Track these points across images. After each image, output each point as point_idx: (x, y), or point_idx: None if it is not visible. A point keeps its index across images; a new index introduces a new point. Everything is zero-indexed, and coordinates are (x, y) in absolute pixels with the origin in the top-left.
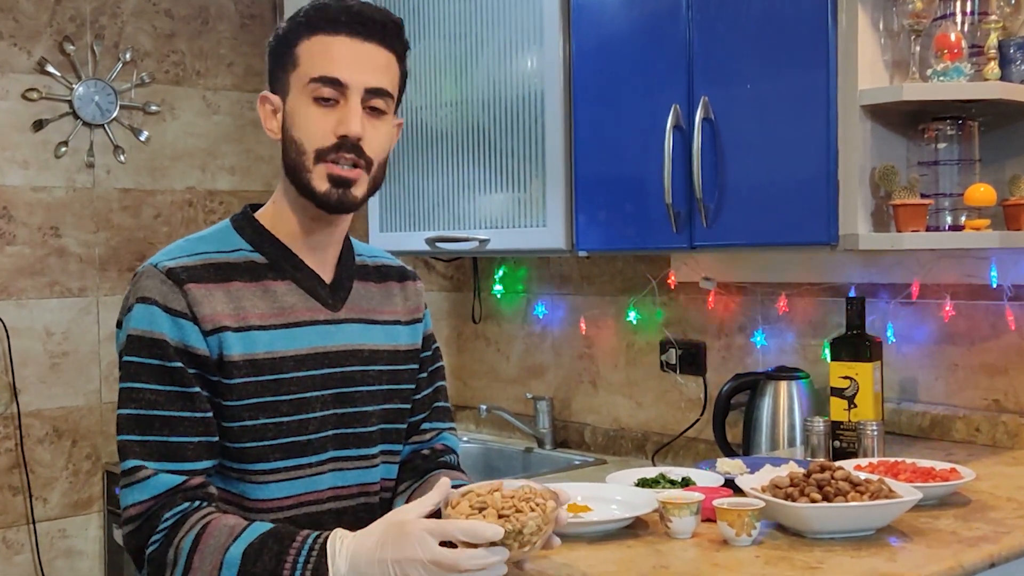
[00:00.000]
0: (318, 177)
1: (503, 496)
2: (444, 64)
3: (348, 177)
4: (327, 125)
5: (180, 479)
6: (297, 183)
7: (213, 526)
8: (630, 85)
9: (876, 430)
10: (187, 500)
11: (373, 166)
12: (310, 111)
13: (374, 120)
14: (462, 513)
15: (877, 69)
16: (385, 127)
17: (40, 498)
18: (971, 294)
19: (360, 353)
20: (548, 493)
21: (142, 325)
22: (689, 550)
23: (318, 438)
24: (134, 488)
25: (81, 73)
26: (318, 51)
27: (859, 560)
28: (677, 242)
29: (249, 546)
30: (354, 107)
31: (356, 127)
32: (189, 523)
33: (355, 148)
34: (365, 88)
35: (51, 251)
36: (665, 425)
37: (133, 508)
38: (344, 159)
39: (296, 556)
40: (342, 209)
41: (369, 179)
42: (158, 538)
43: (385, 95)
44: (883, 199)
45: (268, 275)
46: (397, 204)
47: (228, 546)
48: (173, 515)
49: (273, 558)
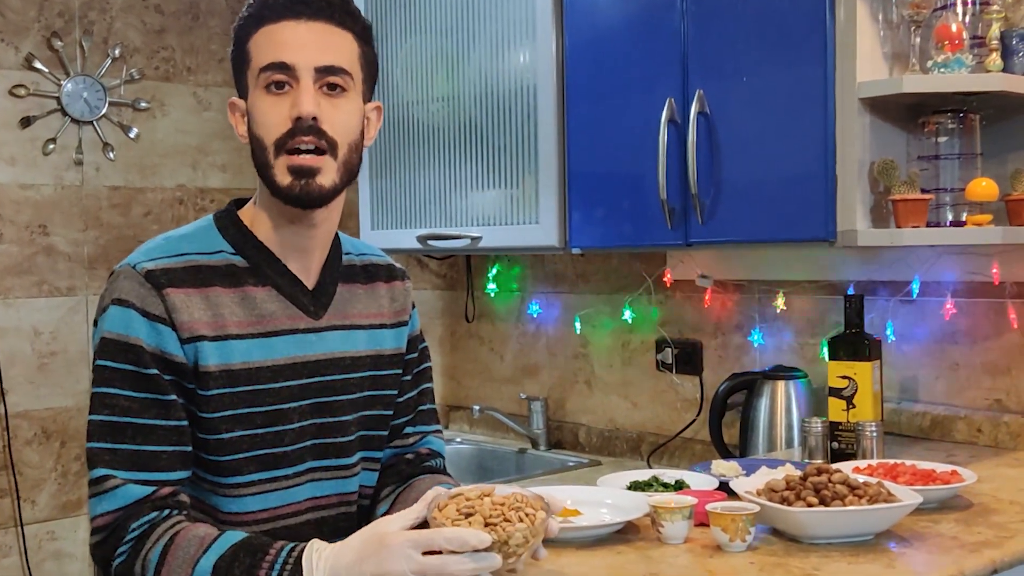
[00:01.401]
0: (280, 171)
1: (492, 503)
2: (435, 59)
3: (309, 166)
4: (282, 112)
5: (150, 490)
6: (265, 181)
7: (182, 537)
8: (624, 79)
9: (875, 431)
10: (156, 509)
11: (339, 148)
12: (265, 102)
13: (332, 99)
14: (448, 517)
15: (876, 61)
16: (348, 105)
17: (28, 500)
18: (973, 292)
19: (341, 361)
20: (539, 502)
21: (117, 328)
22: (681, 556)
23: (295, 449)
24: (102, 498)
25: (69, 69)
26: (264, 41)
27: (857, 566)
28: (672, 239)
29: (220, 558)
30: (305, 87)
31: (308, 106)
32: (156, 533)
33: (313, 130)
34: (315, 67)
35: (39, 250)
36: (661, 426)
37: (100, 519)
38: (303, 143)
39: (269, 570)
40: (308, 201)
41: (337, 165)
42: (124, 549)
43: (340, 72)
44: (882, 194)
45: (248, 281)
46: (388, 201)
47: (198, 559)
48: (140, 525)
49: (245, 572)
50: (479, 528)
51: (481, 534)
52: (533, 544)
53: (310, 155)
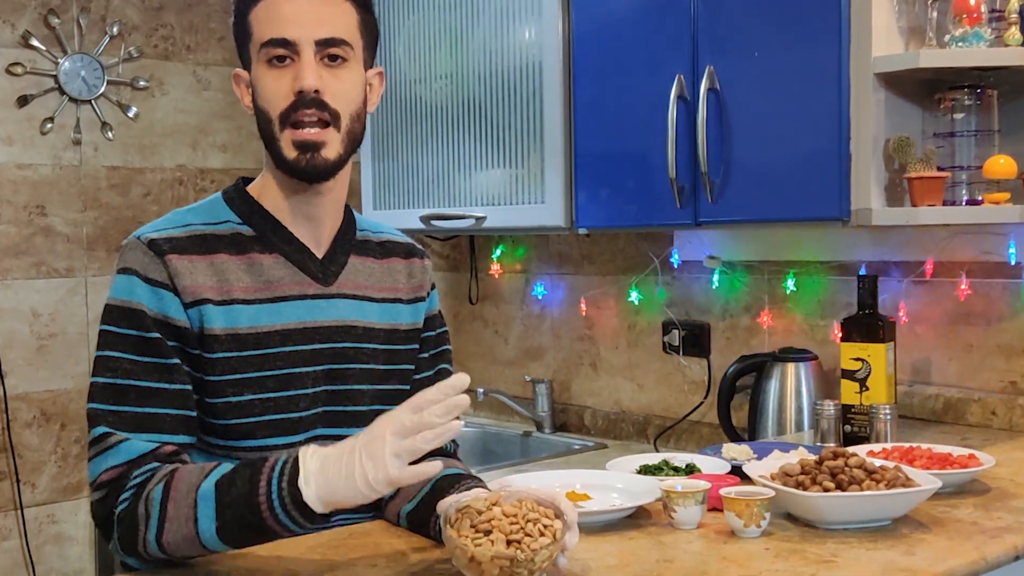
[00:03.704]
0: (285, 145)
1: (505, 513)
2: (438, 35)
3: (314, 140)
4: (284, 86)
5: (153, 445)
6: (271, 154)
7: (181, 472)
8: (632, 55)
9: (889, 414)
10: (158, 462)
11: (342, 120)
12: (268, 76)
13: (334, 70)
14: (466, 536)
15: (892, 35)
16: (349, 75)
17: (28, 483)
18: (988, 272)
19: (353, 330)
20: (553, 510)
21: (121, 295)
22: (694, 542)
23: (308, 415)
24: (107, 455)
25: (67, 47)
26: (264, 15)
27: (876, 552)
28: (681, 218)
29: (222, 477)
30: (307, 61)
31: (310, 79)
32: (157, 476)
33: (316, 102)
34: (315, 40)
35: (37, 230)
36: (667, 408)
37: (105, 474)
38: (306, 116)
39: (270, 472)
40: (315, 174)
41: (341, 136)
42: (127, 496)
43: (341, 44)
44: (897, 172)
45: (255, 248)
46: (391, 181)
47: (199, 483)
48: (142, 472)
49: (247, 482)
50: (501, 547)
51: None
52: (555, 558)
53: (314, 129)
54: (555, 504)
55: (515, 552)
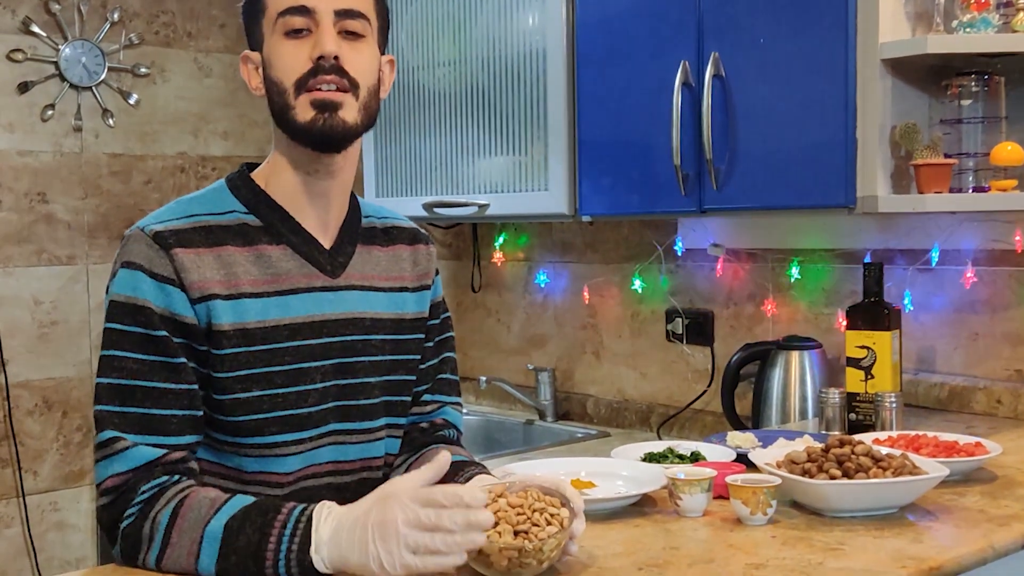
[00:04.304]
0: (302, 108)
1: (511, 504)
2: (441, 21)
3: (333, 99)
4: (302, 54)
5: (160, 452)
6: (284, 125)
7: (192, 499)
8: (636, 41)
9: (895, 402)
10: (166, 474)
11: (360, 89)
12: (284, 46)
13: (352, 42)
14: None
15: (899, 21)
16: (367, 50)
17: (30, 471)
18: (994, 260)
19: (361, 322)
20: (558, 498)
21: (125, 291)
22: (701, 530)
23: (318, 411)
24: (112, 460)
25: (68, 33)
26: None
27: (883, 540)
28: (686, 205)
29: (231, 519)
30: (326, 28)
31: (331, 45)
32: (167, 496)
33: (335, 69)
34: (334, 10)
35: (38, 218)
36: (671, 397)
37: (109, 480)
38: (324, 82)
39: (282, 528)
40: (331, 136)
41: (359, 105)
42: (133, 511)
43: (359, 16)
44: (904, 159)
45: (262, 239)
46: (393, 168)
47: (209, 519)
48: (150, 488)
49: (257, 531)
50: (508, 539)
51: (476, 492)
52: (564, 546)
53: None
54: (560, 492)
55: (523, 543)
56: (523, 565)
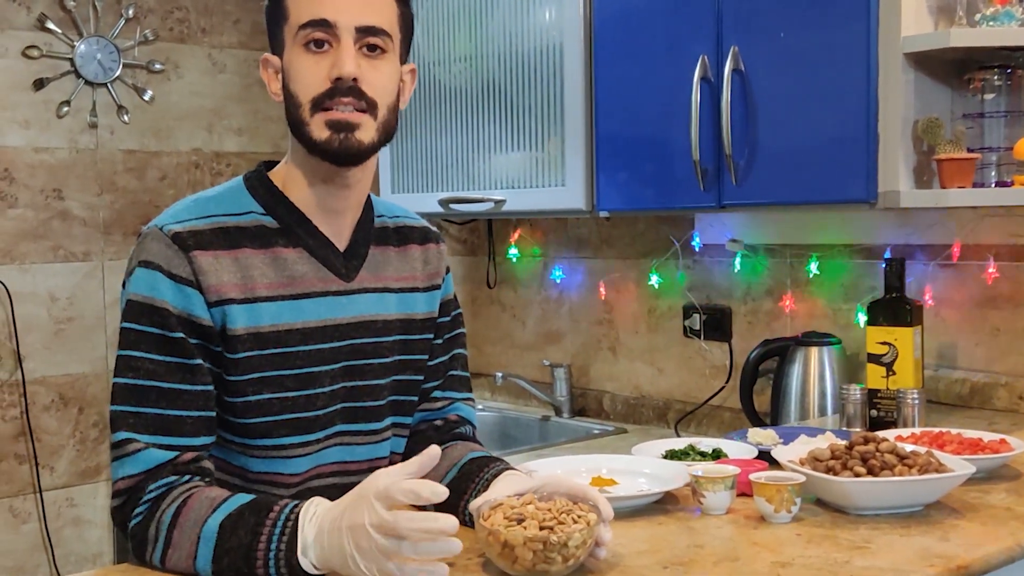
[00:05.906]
0: (316, 127)
1: (538, 508)
2: (457, 16)
3: (349, 120)
4: (321, 71)
5: (172, 454)
6: (300, 139)
7: (195, 499)
8: (655, 36)
9: (917, 399)
10: (176, 474)
11: (379, 109)
12: (303, 60)
13: (372, 60)
14: (496, 524)
15: (921, 14)
16: (387, 67)
17: (47, 466)
18: (1016, 255)
19: (373, 324)
20: (588, 506)
21: (144, 291)
22: (724, 527)
23: (326, 413)
24: (124, 462)
25: (83, 30)
26: None
27: (910, 539)
28: (704, 201)
29: (227, 518)
30: (346, 47)
31: (349, 67)
32: (172, 496)
33: (353, 91)
34: (356, 27)
35: (54, 214)
36: (688, 393)
37: (121, 482)
38: (342, 104)
39: (272, 529)
40: (347, 156)
41: (377, 124)
42: (141, 511)
43: (381, 33)
44: (926, 154)
45: (279, 241)
46: (409, 164)
47: (206, 519)
48: (157, 487)
49: (249, 532)
50: (534, 532)
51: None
52: (590, 546)
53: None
54: (588, 498)
55: (547, 535)
56: (548, 560)
